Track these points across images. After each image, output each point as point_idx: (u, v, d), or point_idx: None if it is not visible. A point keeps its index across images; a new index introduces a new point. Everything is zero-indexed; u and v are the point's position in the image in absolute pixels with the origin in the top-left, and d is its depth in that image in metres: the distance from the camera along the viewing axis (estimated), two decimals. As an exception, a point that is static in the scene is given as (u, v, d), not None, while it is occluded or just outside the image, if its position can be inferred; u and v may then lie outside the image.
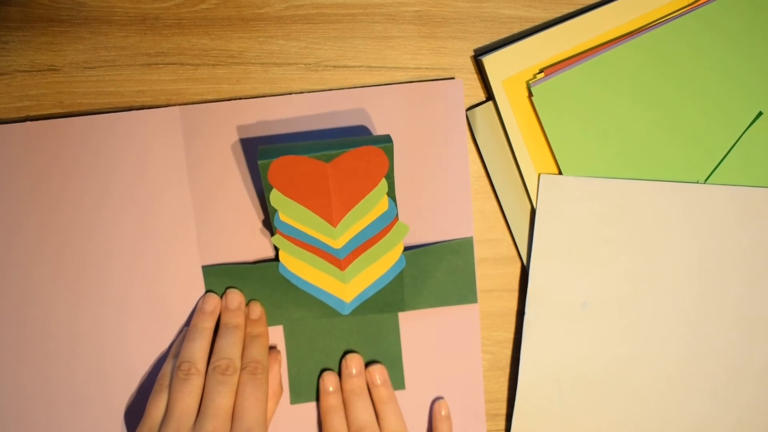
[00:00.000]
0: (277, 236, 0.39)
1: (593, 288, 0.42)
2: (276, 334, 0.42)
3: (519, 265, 0.43)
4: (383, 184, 0.37)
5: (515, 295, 0.44)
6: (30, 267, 0.40)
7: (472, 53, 0.42)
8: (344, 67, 0.42)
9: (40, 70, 0.41)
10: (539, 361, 0.43)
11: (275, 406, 0.40)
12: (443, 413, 0.42)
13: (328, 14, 0.41)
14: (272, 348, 0.41)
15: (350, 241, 0.39)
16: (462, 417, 0.42)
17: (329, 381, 0.41)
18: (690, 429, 0.43)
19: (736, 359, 0.43)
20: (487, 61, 0.41)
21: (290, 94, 0.41)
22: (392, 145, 0.36)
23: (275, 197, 0.37)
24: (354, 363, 0.41)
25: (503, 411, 0.44)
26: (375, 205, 0.38)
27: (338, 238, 0.39)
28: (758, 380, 0.43)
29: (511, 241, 0.43)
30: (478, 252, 0.43)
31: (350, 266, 0.40)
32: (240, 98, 0.41)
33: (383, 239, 0.40)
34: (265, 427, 0.38)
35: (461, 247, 0.41)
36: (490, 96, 0.42)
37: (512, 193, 0.42)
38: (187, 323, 0.41)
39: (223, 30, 0.41)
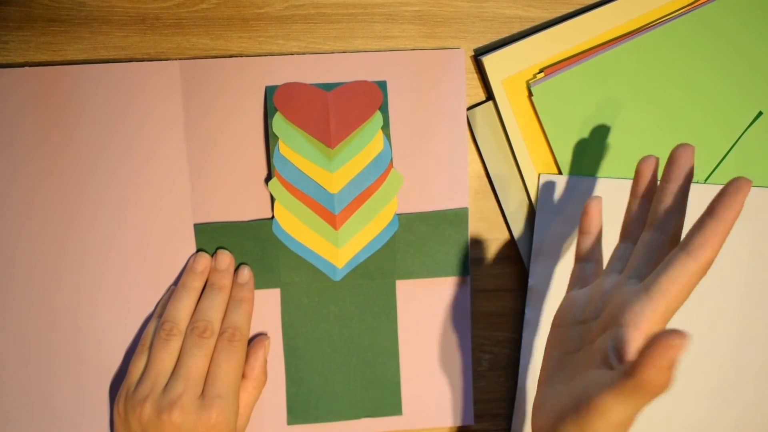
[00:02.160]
0: (274, 181, 0.40)
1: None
2: (271, 300, 0.41)
3: (519, 265, 0.43)
4: (378, 116, 0.40)
5: (515, 295, 0.44)
6: (19, 215, 0.40)
7: (472, 53, 0.42)
8: (344, 67, 0.42)
9: (40, 70, 0.41)
10: (539, 361, 0.43)
11: (258, 393, 0.40)
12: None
13: (328, 14, 0.41)
14: (261, 334, 0.41)
15: (346, 187, 0.40)
16: (449, 396, 0.42)
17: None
18: (690, 428, 0.43)
19: (736, 359, 0.43)
20: (487, 61, 0.41)
21: (292, 54, 0.41)
22: (386, 83, 0.41)
23: (278, 122, 0.40)
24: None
25: (503, 411, 0.44)
26: (371, 138, 0.40)
27: (335, 172, 0.40)
28: (757, 380, 0.43)
29: (511, 241, 0.43)
30: (478, 252, 0.43)
31: (344, 225, 0.40)
32: (236, 53, 0.41)
33: (378, 191, 0.40)
34: (236, 395, 0.38)
35: (456, 217, 0.41)
36: (490, 96, 0.42)
37: (512, 193, 0.42)
38: (176, 283, 0.41)
39: (223, 30, 0.41)
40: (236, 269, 0.41)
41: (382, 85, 0.41)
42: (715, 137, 0.42)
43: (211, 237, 0.41)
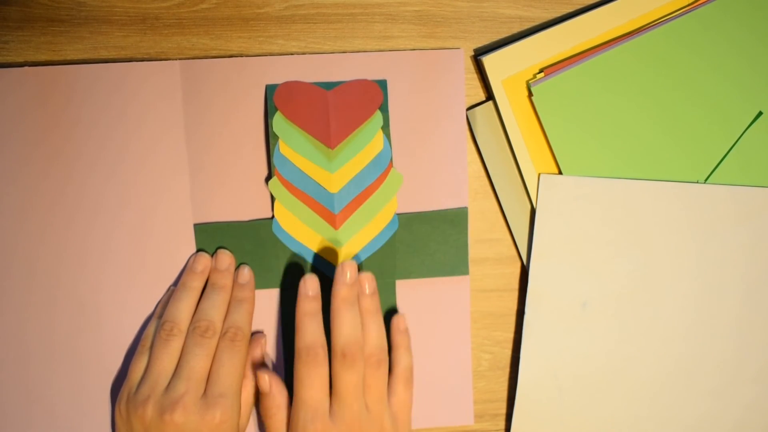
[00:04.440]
0: (274, 180, 0.40)
1: (593, 288, 0.42)
2: (272, 300, 0.41)
3: (519, 265, 0.43)
4: (378, 116, 0.40)
5: (515, 295, 0.44)
6: (19, 215, 0.40)
7: (472, 53, 0.42)
8: (344, 67, 0.42)
9: (40, 70, 0.41)
10: (539, 361, 0.43)
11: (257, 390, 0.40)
12: (401, 327, 0.40)
13: (328, 14, 0.41)
14: (258, 332, 0.41)
15: (346, 187, 0.40)
16: (448, 396, 0.42)
17: (311, 285, 0.38)
18: (690, 429, 0.43)
19: (736, 359, 0.43)
20: (487, 61, 0.41)
21: (292, 54, 0.41)
22: (386, 82, 0.41)
23: (278, 121, 0.40)
24: (350, 269, 0.38)
25: (503, 411, 0.44)
26: (371, 138, 0.40)
27: (335, 172, 0.40)
28: (757, 380, 0.43)
29: (511, 241, 0.43)
30: (478, 252, 0.43)
31: (344, 224, 0.40)
32: (236, 53, 0.41)
33: (378, 191, 0.40)
34: (238, 394, 0.37)
35: (456, 217, 0.41)
36: (490, 96, 0.42)
37: (512, 193, 0.42)
38: (176, 283, 0.41)
39: (223, 30, 0.41)
40: (236, 269, 0.41)
41: (382, 84, 0.41)
42: (715, 137, 0.42)
43: (211, 237, 0.41)
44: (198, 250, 0.41)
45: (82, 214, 0.40)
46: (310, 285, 0.38)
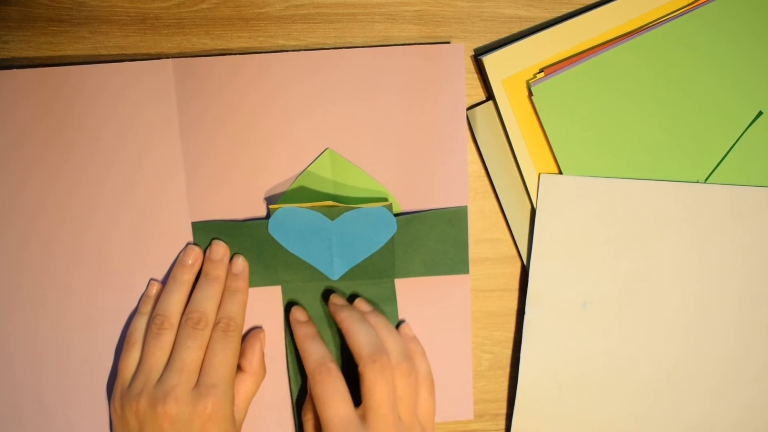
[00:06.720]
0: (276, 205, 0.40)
1: (593, 288, 0.42)
2: (274, 297, 0.42)
3: (519, 264, 0.43)
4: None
5: (515, 295, 0.44)
6: (14, 215, 0.40)
7: (472, 53, 0.42)
8: (344, 66, 0.41)
9: (40, 70, 0.41)
10: (539, 361, 0.43)
11: (256, 387, 0.40)
12: (410, 335, 0.41)
13: (328, 14, 0.41)
14: (257, 327, 0.41)
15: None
16: (449, 391, 0.42)
17: (298, 314, 0.41)
18: (690, 428, 0.43)
19: (736, 359, 0.43)
20: (487, 60, 0.41)
21: (285, 51, 0.41)
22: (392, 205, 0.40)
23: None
24: (341, 297, 0.41)
25: (503, 411, 0.44)
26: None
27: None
28: (757, 380, 0.43)
29: (511, 241, 0.43)
30: (478, 252, 0.43)
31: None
32: (236, 53, 0.41)
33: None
34: (231, 385, 0.37)
35: (455, 216, 0.41)
36: (490, 96, 0.42)
37: (512, 193, 0.42)
38: (163, 281, 0.41)
39: (223, 30, 0.41)
40: (230, 260, 0.41)
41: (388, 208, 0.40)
42: (715, 137, 0.42)
43: (209, 235, 0.41)
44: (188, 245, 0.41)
45: (79, 212, 0.40)
46: (298, 314, 0.40)
